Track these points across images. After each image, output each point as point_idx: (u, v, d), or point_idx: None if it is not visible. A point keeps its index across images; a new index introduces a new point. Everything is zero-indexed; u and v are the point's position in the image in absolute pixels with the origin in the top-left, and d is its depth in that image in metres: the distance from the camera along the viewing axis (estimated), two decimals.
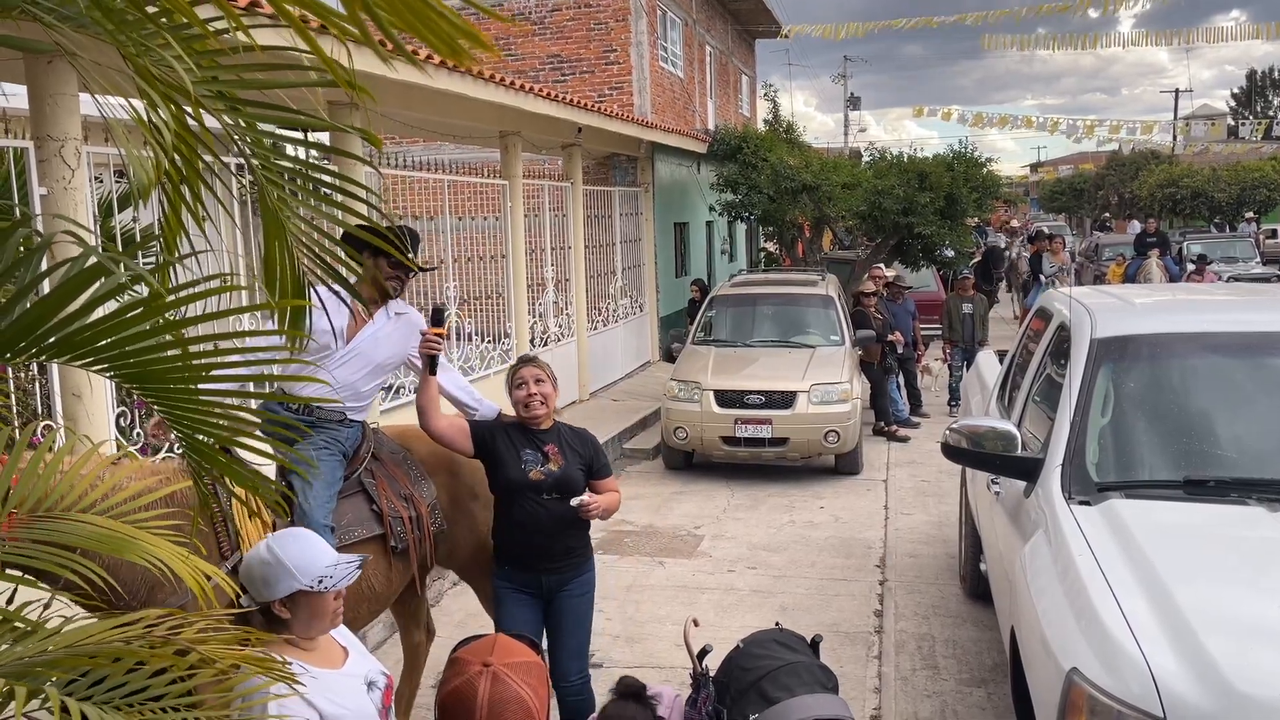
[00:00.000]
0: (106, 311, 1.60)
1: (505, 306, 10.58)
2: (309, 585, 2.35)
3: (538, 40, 15.27)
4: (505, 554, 3.99)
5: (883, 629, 5.76)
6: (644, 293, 14.93)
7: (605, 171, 14.80)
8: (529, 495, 3.88)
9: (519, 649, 2.06)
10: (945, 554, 6.97)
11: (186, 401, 1.67)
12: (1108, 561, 3.09)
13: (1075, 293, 5.08)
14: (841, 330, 10.13)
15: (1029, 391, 4.85)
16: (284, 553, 2.40)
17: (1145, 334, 4.28)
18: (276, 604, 2.40)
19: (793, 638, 3.08)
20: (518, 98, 9.34)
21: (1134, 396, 4.08)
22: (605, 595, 6.30)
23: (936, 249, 13.68)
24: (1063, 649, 2.89)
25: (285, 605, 2.40)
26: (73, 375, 4.87)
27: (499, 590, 4.01)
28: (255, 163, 1.70)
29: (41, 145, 4.84)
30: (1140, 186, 33.86)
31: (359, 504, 3.90)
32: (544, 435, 3.98)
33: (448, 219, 9.36)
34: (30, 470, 2.18)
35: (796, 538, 7.47)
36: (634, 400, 12.14)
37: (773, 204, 14.17)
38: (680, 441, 9.24)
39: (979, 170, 14.02)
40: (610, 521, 7.97)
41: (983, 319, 12.12)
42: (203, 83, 1.63)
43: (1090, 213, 46.44)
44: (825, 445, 8.92)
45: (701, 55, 19.20)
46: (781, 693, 2.73)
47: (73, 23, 1.55)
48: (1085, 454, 3.77)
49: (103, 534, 2.00)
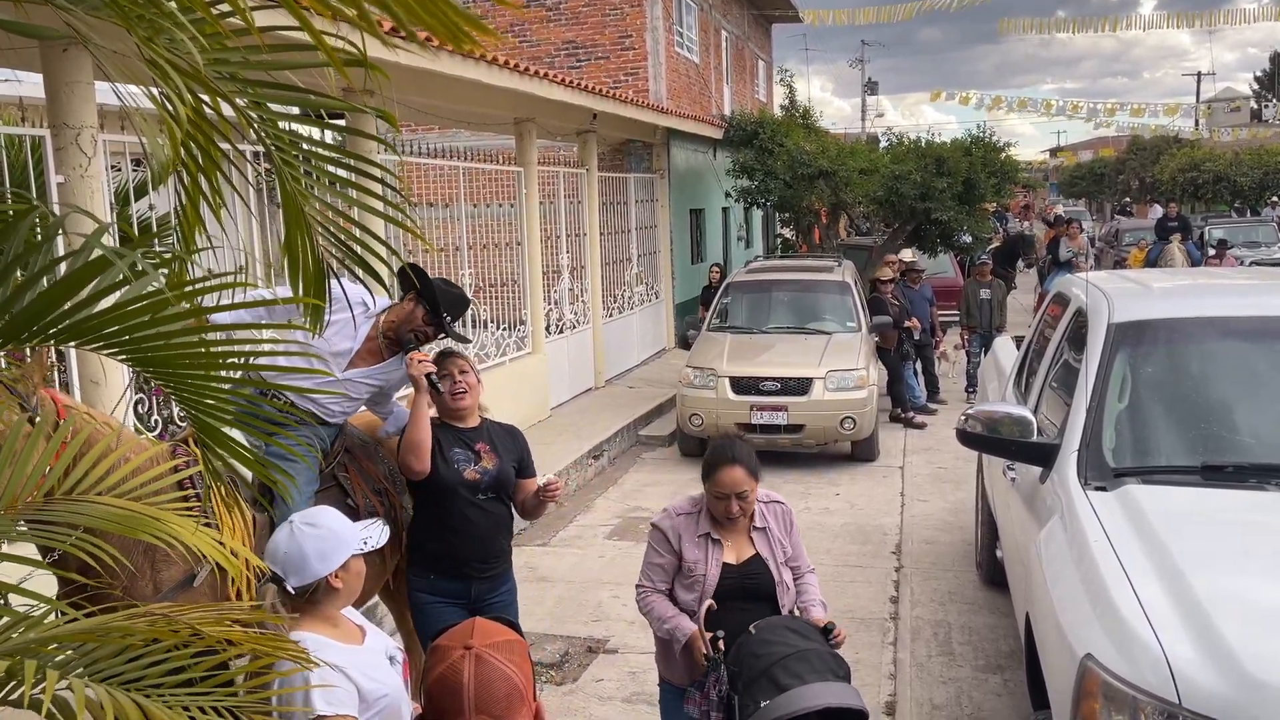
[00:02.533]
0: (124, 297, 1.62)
1: (520, 294, 10.59)
2: (359, 548, 2.45)
3: (553, 26, 15.23)
4: (432, 562, 3.72)
5: (898, 615, 5.76)
6: (659, 280, 14.91)
7: (620, 158, 14.77)
8: (463, 496, 3.66)
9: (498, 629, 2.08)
10: (961, 540, 6.96)
11: (199, 387, 1.68)
12: (1123, 547, 3.07)
13: (1093, 277, 5.04)
14: (858, 316, 10.09)
15: (1046, 377, 4.82)
16: (330, 524, 2.46)
17: (1163, 319, 4.24)
18: (335, 575, 2.43)
19: (804, 625, 3.07)
20: (533, 84, 9.33)
21: (1151, 381, 4.05)
22: (620, 581, 6.32)
23: (954, 235, 13.60)
24: (1078, 635, 2.87)
25: (339, 575, 2.45)
26: (90, 362, 4.91)
27: (423, 602, 3.74)
28: (270, 145, 1.71)
29: (58, 133, 4.87)
30: (1161, 171, 33.52)
31: (334, 498, 3.76)
32: (472, 433, 3.76)
33: (463, 206, 9.36)
34: (49, 453, 2.20)
35: (812, 524, 7.46)
36: (650, 387, 12.15)
37: (789, 190, 14.11)
38: (696, 428, 9.24)
39: (997, 155, 13.92)
40: (625, 508, 8.00)
41: (1001, 304, 12.04)
42: (213, 65, 1.63)
43: (1110, 197, 46.03)
44: (841, 432, 8.90)
45: (717, 40, 19.11)
46: (793, 680, 2.72)
47: (86, 5, 1.56)
48: (1102, 439, 3.75)
49: (120, 514, 2.02)
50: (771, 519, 3.36)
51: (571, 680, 5.02)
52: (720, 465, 3.18)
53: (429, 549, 3.75)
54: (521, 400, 9.64)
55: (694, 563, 3.21)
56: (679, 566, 3.23)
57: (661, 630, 3.21)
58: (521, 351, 10.18)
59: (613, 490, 8.58)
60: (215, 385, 1.71)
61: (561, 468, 8.27)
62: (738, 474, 3.16)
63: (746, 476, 3.19)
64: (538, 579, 6.42)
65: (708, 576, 3.19)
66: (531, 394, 10.10)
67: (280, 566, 2.41)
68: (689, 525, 3.27)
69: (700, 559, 3.21)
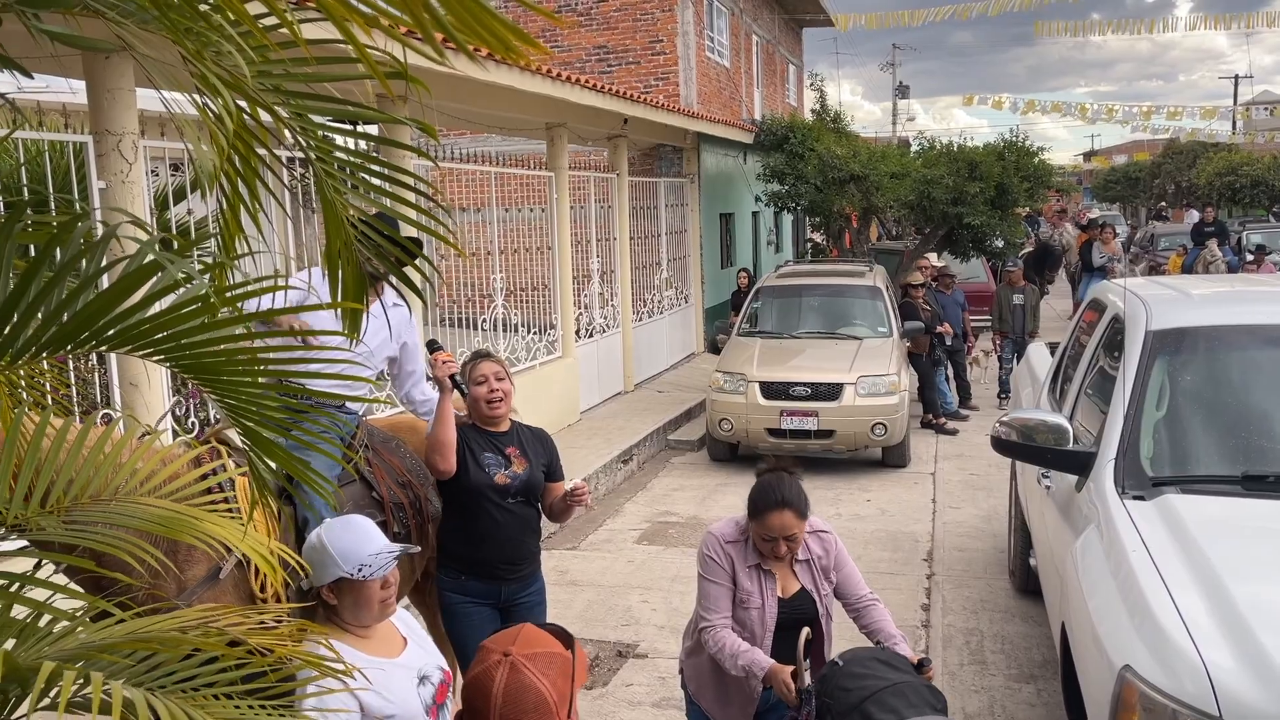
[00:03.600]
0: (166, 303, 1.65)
1: (551, 298, 10.62)
2: (349, 573, 2.41)
3: (584, 31, 15.28)
4: (463, 564, 3.75)
5: (930, 623, 5.72)
6: (689, 284, 14.91)
7: (651, 162, 14.78)
8: (493, 500, 3.68)
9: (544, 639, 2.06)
10: (994, 548, 6.90)
11: (242, 391, 1.70)
12: (1162, 557, 3.04)
13: (1130, 284, 4.99)
14: (889, 321, 10.04)
15: (1081, 384, 4.78)
16: (331, 540, 2.45)
17: (1203, 326, 4.19)
18: (325, 590, 2.45)
19: (894, 655, 2.94)
20: (564, 89, 9.37)
21: (1190, 390, 4.00)
22: (650, 585, 6.33)
23: (986, 239, 13.50)
24: (1115, 646, 2.85)
25: (332, 591, 2.45)
26: (130, 365, 4.98)
27: (453, 603, 3.78)
28: (313, 154, 1.73)
29: (100, 139, 4.95)
30: (1198, 175, 33.10)
31: (359, 491, 3.78)
32: (503, 437, 3.77)
33: (494, 210, 9.42)
34: (92, 457, 2.24)
35: (842, 530, 7.42)
36: (679, 392, 12.14)
37: (820, 194, 14.07)
38: (725, 433, 9.22)
39: (1031, 159, 13.80)
40: (655, 512, 8.00)
41: (1034, 310, 11.94)
42: (258, 76, 1.65)
43: (1145, 202, 45.49)
44: (872, 438, 8.86)
45: (748, 45, 19.09)
46: (888, 715, 2.60)
47: (135, 18, 1.59)
48: (1140, 448, 3.71)
49: (162, 515, 2.05)
50: (817, 549, 3.24)
51: (601, 685, 5.03)
52: (769, 509, 3.05)
53: (458, 551, 3.77)
54: (551, 404, 9.67)
55: (748, 594, 3.09)
56: (734, 594, 3.11)
57: (736, 667, 3.03)
58: (551, 355, 10.22)
59: (642, 495, 8.59)
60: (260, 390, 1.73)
61: (591, 472, 8.28)
62: (788, 518, 3.03)
63: (796, 519, 3.05)
64: (568, 583, 6.43)
65: (766, 610, 3.08)
66: (561, 398, 10.13)
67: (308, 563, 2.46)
68: (739, 553, 3.15)
69: (755, 591, 3.10)
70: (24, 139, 5.13)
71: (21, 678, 1.49)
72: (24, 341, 1.58)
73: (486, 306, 9.45)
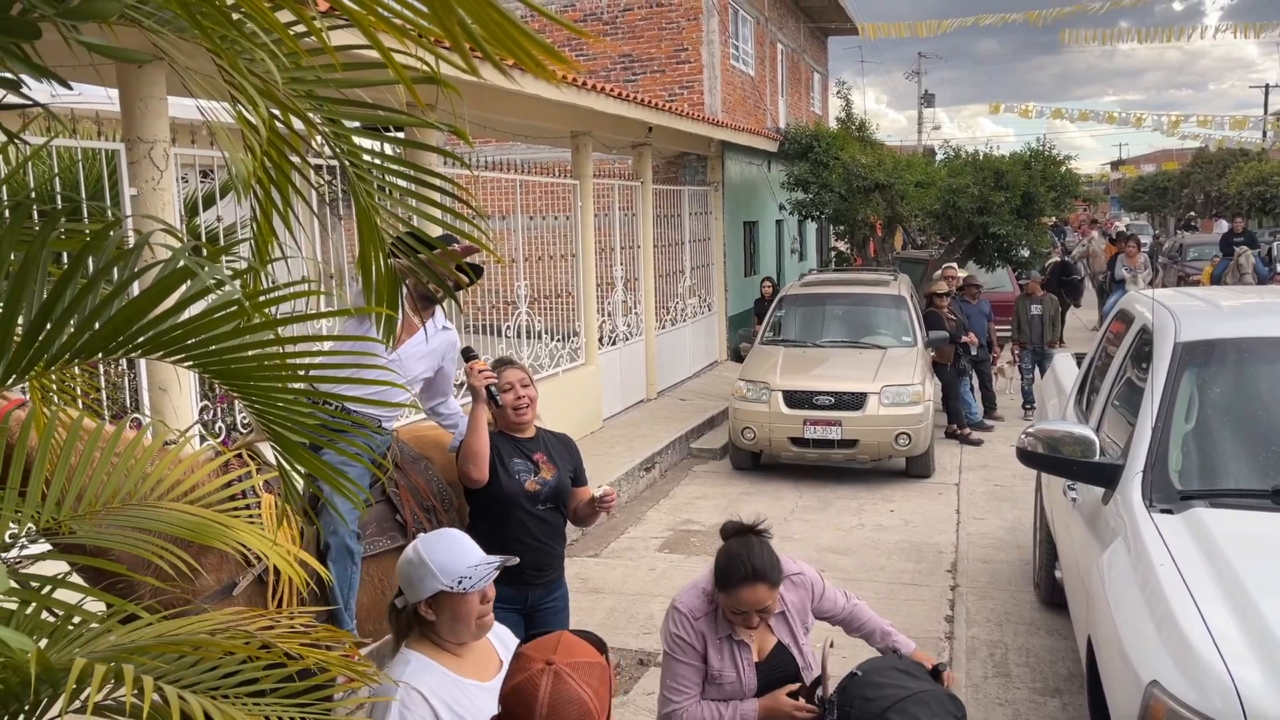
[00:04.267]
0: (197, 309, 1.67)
1: (574, 305, 10.65)
2: (449, 585, 2.34)
3: (609, 40, 15.34)
4: None
5: (953, 635, 5.68)
6: (712, 292, 14.91)
7: (675, 170, 14.80)
8: (524, 507, 3.70)
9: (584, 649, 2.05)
10: (1019, 560, 6.84)
11: (274, 398, 1.72)
12: (1191, 571, 3.00)
13: (1159, 295, 4.94)
14: (914, 331, 10.00)
15: (1108, 396, 4.74)
16: (429, 553, 2.38)
17: (1232, 338, 4.15)
18: (423, 605, 2.37)
19: (912, 664, 2.91)
20: (589, 98, 9.40)
21: (1220, 402, 3.96)
22: (670, 594, 6.30)
23: (1012, 249, 13.42)
24: (1143, 660, 2.82)
25: (430, 606, 2.38)
26: (159, 370, 5.03)
27: None
28: (345, 160, 1.75)
29: (132, 147, 5.02)
30: (1228, 184, 32.74)
31: (383, 513, 3.80)
32: (530, 443, 3.80)
33: (519, 218, 9.46)
34: (123, 462, 2.26)
35: (865, 541, 7.39)
36: (702, 400, 12.13)
37: (844, 203, 14.04)
38: (748, 442, 9.20)
39: (1057, 168, 13.72)
40: (677, 520, 7.99)
41: (1052, 320, 11.89)
42: (290, 83, 1.67)
43: (1174, 211, 45.08)
44: (896, 448, 8.81)
45: (773, 53, 19.09)
46: None
47: (171, 26, 1.61)
48: (1168, 461, 3.67)
49: (192, 521, 2.08)
50: (792, 597, 3.04)
51: (622, 693, 5.02)
52: (740, 582, 2.81)
53: None
54: (574, 411, 9.69)
55: (719, 671, 2.90)
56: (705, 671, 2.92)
57: None
58: (575, 363, 10.24)
59: (664, 503, 8.58)
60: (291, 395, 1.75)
61: (613, 479, 8.29)
62: (760, 592, 2.80)
63: (769, 591, 2.82)
64: (589, 590, 6.43)
65: (744, 683, 2.90)
66: (584, 405, 10.15)
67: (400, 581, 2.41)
68: (710, 628, 2.93)
69: (728, 666, 2.91)
70: (59, 147, 5.21)
71: (53, 677, 1.51)
72: (59, 347, 1.60)
73: (511, 314, 9.48)
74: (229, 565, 3.30)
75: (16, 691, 1.53)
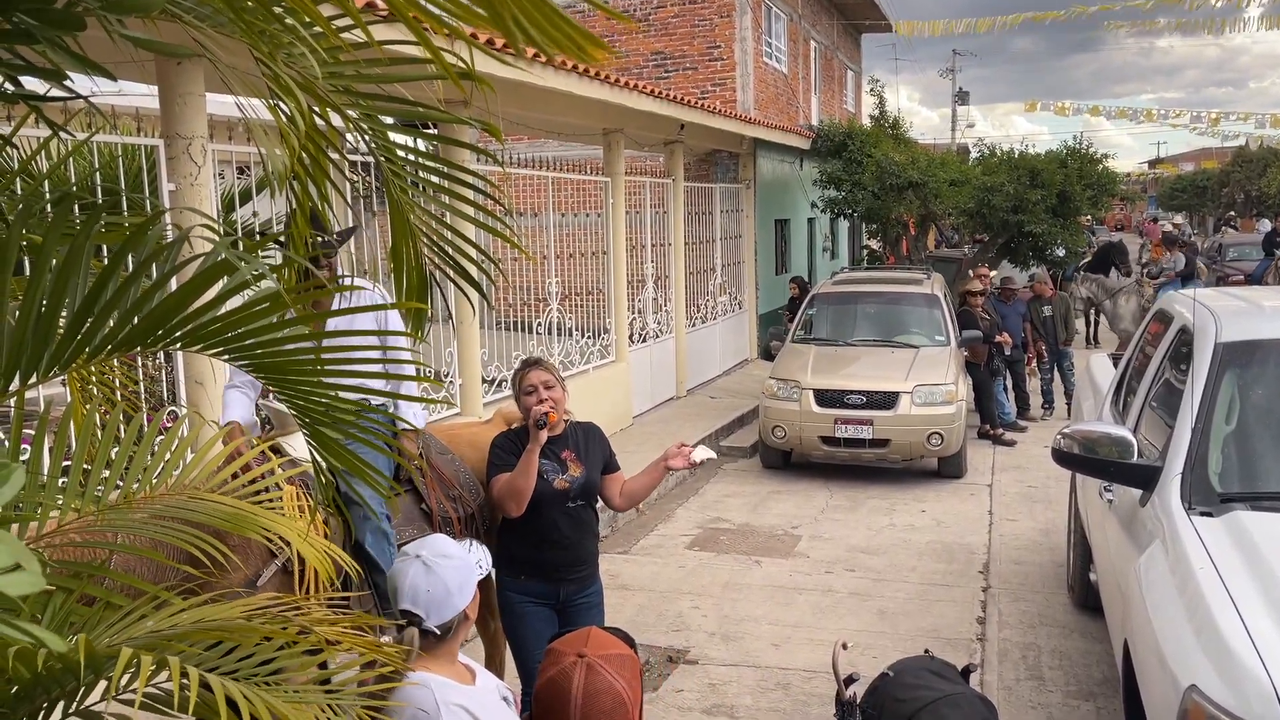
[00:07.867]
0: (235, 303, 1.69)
1: (605, 302, 10.66)
2: (486, 572, 2.36)
3: (642, 37, 15.33)
4: (524, 566, 3.77)
5: (985, 637, 5.63)
6: (743, 290, 14.87)
7: (707, 168, 14.77)
8: (554, 506, 3.70)
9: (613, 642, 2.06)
10: (1052, 562, 6.77)
11: (310, 392, 1.73)
12: (1230, 575, 2.95)
13: (1199, 294, 4.87)
14: (947, 330, 9.91)
15: (1146, 397, 4.67)
16: (456, 551, 2.37)
17: (1275, 339, 4.08)
18: (469, 607, 2.34)
19: (945, 666, 2.90)
20: (622, 95, 9.40)
21: (1261, 404, 3.89)
22: (701, 592, 6.31)
23: (1047, 248, 13.29)
24: (1181, 664, 2.78)
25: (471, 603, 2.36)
26: (196, 363, 5.09)
27: (513, 603, 3.79)
28: (381, 155, 1.76)
29: (171, 143, 5.08)
30: (1269, 184, 32.21)
31: (408, 503, 3.81)
32: (558, 441, 3.76)
33: (550, 215, 9.48)
34: (161, 454, 2.29)
35: (896, 541, 7.34)
36: (732, 398, 12.11)
37: (877, 201, 13.95)
38: (778, 440, 9.17)
39: (1094, 167, 13.56)
40: (706, 518, 7.98)
41: (1064, 320, 11.87)
42: (329, 77, 1.69)
43: (1213, 211, 44.38)
44: (928, 447, 8.75)
45: (806, 50, 18.99)
46: None
47: (210, 21, 1.63)
48: (1207, 463, 3.62)
49: (230, 512, 2.10)
50: None
51: (652, 690, 5.02)
52: None
53: (519, 556, 3.79)
54: (604, 408, 9.70)
55: None
56: None
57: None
58: (605, 360, 10.25)
59: (694, 500, 8.57)
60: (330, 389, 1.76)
61: None
62: None
63: None
64: (619, 587, 6.44)
65: None
66: (614, 402, 10.16)
67: (422, 606, 2.27)
68: None
69: None
70: (99, 142, 5.28)
71: (96, 664, 1.53)
72: (100, 339, 1.62)
73: (542, 310, 9.51)
74: (253, 558, 3.35)
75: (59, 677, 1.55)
